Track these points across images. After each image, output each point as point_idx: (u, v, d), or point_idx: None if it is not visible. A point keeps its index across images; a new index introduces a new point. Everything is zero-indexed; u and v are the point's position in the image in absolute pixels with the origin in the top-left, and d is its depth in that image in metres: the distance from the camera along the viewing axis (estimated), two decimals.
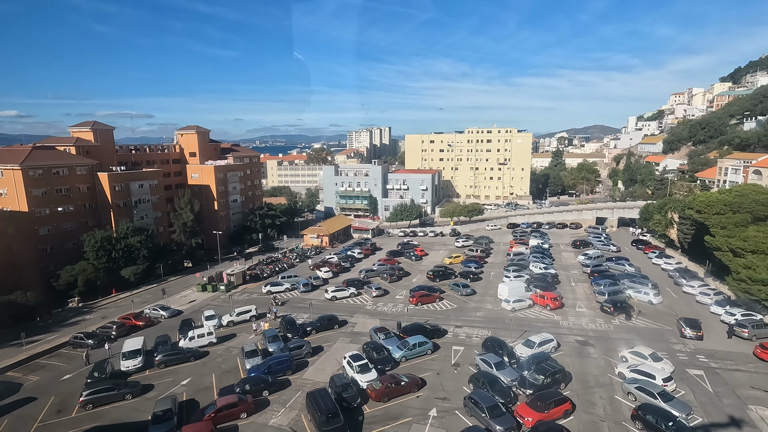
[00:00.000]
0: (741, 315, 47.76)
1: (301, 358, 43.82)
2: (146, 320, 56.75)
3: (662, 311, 53.31)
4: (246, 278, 74.65)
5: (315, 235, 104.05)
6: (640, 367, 37.03)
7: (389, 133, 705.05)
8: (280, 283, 68.99)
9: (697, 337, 45.76)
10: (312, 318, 54.33)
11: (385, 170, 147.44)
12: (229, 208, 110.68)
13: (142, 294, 70.84)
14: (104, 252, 71.19)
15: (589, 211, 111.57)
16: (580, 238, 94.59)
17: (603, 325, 49.66)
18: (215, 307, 61.53)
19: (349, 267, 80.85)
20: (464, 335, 48.68)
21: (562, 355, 42.71)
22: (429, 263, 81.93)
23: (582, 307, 55.49)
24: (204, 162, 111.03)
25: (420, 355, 43.52)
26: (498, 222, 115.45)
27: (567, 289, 63.07)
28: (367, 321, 54.23)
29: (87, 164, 79.89)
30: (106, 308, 64.80)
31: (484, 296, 61.52)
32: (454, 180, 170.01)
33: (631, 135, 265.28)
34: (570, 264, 77.06)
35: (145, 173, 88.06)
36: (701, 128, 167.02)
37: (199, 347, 47.49)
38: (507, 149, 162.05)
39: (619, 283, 60.54)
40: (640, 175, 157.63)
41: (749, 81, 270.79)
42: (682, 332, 46.67)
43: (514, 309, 54.88)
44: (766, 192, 53.22)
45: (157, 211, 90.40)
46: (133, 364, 43.10)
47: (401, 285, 68.61)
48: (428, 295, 59.80)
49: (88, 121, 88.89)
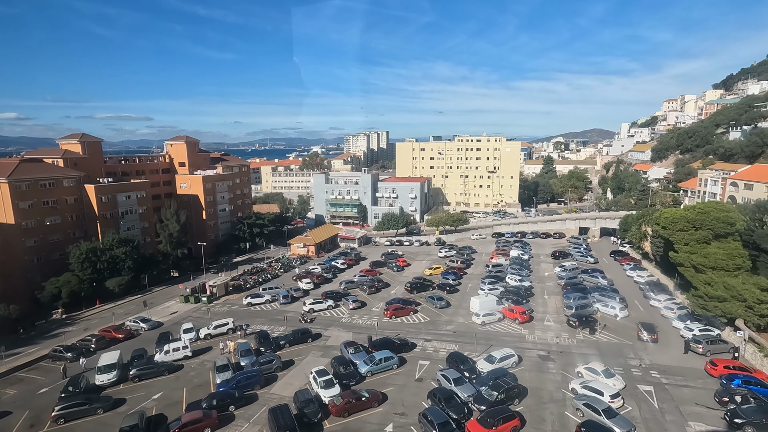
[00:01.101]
0: (699, 330, 49.39)
1: (271, 373, 45.25)
2: (126, 333, 58.15)
3: (626, 325, 54.85)
4: (228, 289, 76.05)
5: (301, 245, 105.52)
6: (591, 383, 38.55)
7: (387, 137, 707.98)
8: (260, 295, 70.43)
9: (653, 341, 49.23)
10: (287, 331, 55.85)
11: (375, 178, 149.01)
12: (217, 218, 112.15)
13: (126, 305, 72.27)
14: (89, 263, 72.61)
15: (572, 220, 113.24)
16: (561, 248, 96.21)
17: (567, 340, 51.19)
18: (196, 319, 63.10)
19: (331, 278, 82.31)
20: (432, 349, 50.16)
21: (522, 370, 44.22)
22: (410, 274, 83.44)
23: (550, 321, 57.03)
24: (193, 172, 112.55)
25: (386, 370, 44.98)
26: (483, 231, 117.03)
27: (539, 302, 64.61)
28: (341, 334, 55.69)
29: (74, 176, 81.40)
30: (88, 320, 66.21)
31: (457, 309, 63.04)
32: (444, 187, 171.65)
33: (623, 142, 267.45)
34: (547, 276, 78.59)
35: (131, 185, 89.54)
36: (688, 137, 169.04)
37: (174, 361, 48.94)
38: (496, 157, 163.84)
39: (589, 296, 62.14)
40: (627, 184, 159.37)
41: (740, 88, 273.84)
42: (639, 335, 50.37)
43: (484, 323, 56.43)
44: (727, 210, 54.89)
45: (144, 222, 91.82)
46: (108, 378, 44.52)
47: (379, 297, 70.08)
48: (402, 308, 61.31)
49: (76, 134, 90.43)
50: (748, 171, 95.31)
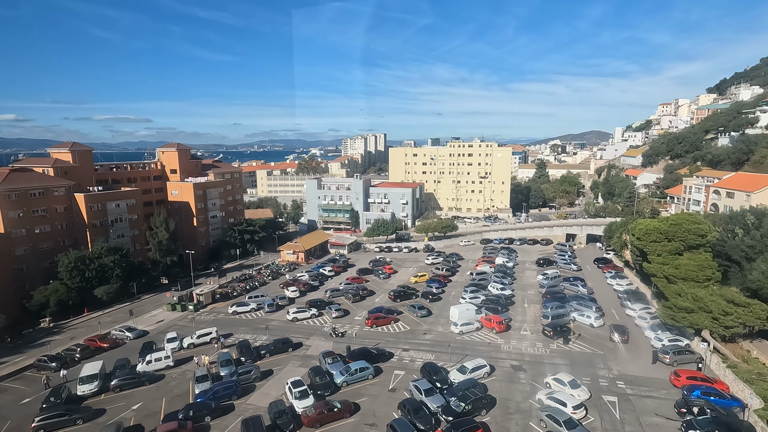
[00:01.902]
0: (668, 340, 50.66)
1: (249, 383, 46.36)
2: (111, 342, 59.19)
3: (601, 335, 56.06)
4: (215, 297, 77.12)
5: (291, 251, 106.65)
6: (556, 394, 39.73)
7: (384, 139, 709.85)
8: (246, 303, 71.54)
9: (623, 341, 52.42)
10: (269, 340, 56.97)
11: (367, 184, 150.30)
12: (208, 224, 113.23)
13: (114, 313, 73.30)
14: (78, 272, 73.68)
15: (559, 227, 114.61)
16: (546, 255, 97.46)
17: (540, 350, 52.36)
18: (181, 328, 64.21)
19: (318, 285, 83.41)
20: (409, 359, 51.30)
21: (493, 380, 45.39)
22: (396, 281, 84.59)
23: (527, 330, 58.22)
24: (184, 179, 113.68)
25: (361, 380, 46.10)
26: (472, 238, 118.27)
27: (519, 311, 65.83)
28: (322, 344, 56.81)
29: (64, 185, 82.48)
30: (75, 329, 67.23)
31: (438, 318, 64.20)
32: (437, 192, 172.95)
33: (616, 146, 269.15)
34: (530, 283, 79.81)
35: (121, 193, 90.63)
36: (678, 143, 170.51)
37: (156, 371, 50.03)
38: (488, 163, 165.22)
39: (566, 305, 63.37)
40: (617, 189, 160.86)
41: (733, 93, 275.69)
42: (611, 337, 53.61)
43: (462, 332, 57.59)
44: (699, 222, 56.15)
45: (134, 229, 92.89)
46: (89, 388, 45.57)
47: (363, 305, 71.21)
48: (384, 317, 62.44)
49: (67, 143, 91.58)
50: (730, 179, 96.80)
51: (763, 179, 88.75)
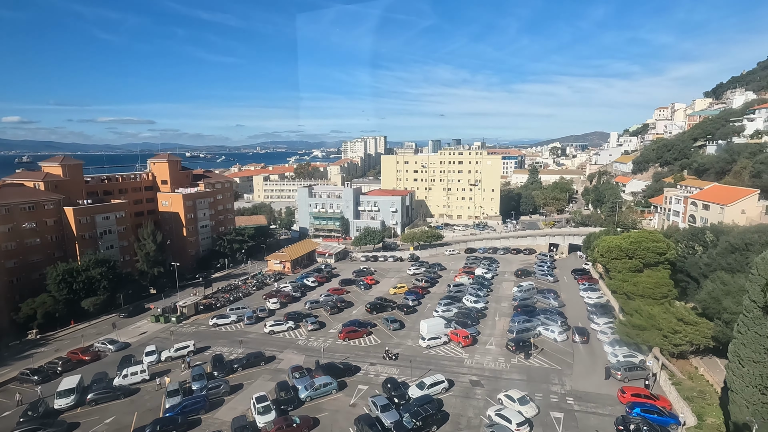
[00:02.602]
0: (623, 356, 52.54)
1: (218, 397, 48.57)
2: (92, 355, 61.50)
3: (563, 349, 57.99)
4: (199, 309, 79.38)
5: (278, 261, 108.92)
6: (504, 411, 41.74)
7: (384, 142, 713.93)
8: (226, 315, 73.80)
9: (583, 342, 58.59)
10: (243, 354, 59.16)
11: (357, 192, 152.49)
12: (198, 234, 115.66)
13: (99, 324, 75.71)
14: (65, 284, 76.09)
15: (542, 237, 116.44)
16: (526, 266, 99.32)
17: (501, 365, 54.35)
18: (162, 340, 66.50)
19: (299, 297, 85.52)
20: (374, 374, 53.38)
21: (450, 395, 47.42)
22: (376, 293, 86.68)
23: (492, 345, 60.19)
24: (175, 189, 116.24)
25: (325, 395, 48.21)
26: (457, 247, 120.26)
27: (489, 324, 67.81)
28: (294, 357, 58.98)
29: (54, 199, 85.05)
30: (61, 340, 69.62)
31: (409, 331, 66.21)
32: (428, 200, 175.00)
33: (611, 151, 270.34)
34: (505, 295, 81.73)
35: (110, 206, 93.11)
36: (667, 150, 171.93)
37: (132, 384, 52.30)
38: (478, 171, 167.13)
39: (534, 319, 65.26)
40: (605, 197, 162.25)
41: (728, 98, 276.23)
42: (573, 339, 58.49)
43: (429, 346, 59.60)
44: (658, 240, 58.03)
45: (123, 241, 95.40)
46: (66, 402, 47.85)
47: (340, 318, 73.33)
48: (356, 330, 64.55)
49: (58, 156, 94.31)
50: (707, 191, 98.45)
51: (737, 192, 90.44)
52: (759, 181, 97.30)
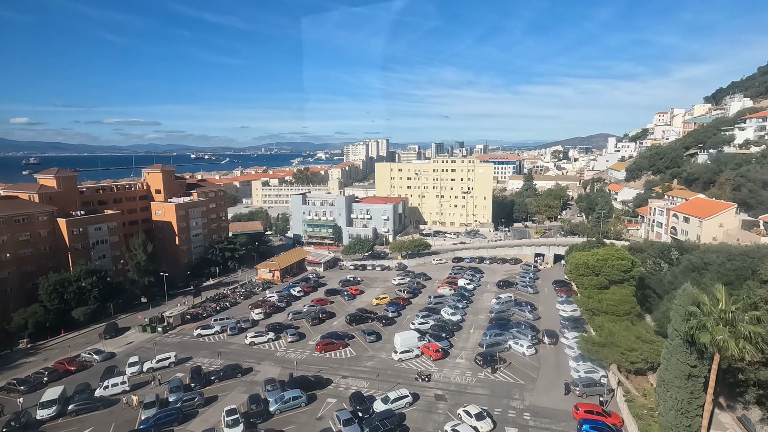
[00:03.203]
0: (584, 372, 54.21)
1: (193, 409, 50.76)
2: (78, 365, 63.92)
3: (530, 363, 59.73)
4: (186, 318, 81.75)
5: (267, 270, 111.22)
6: (459, 426, 43.61)
7: (386, 145, 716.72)
8: (211, 326, 76.11)
9: (551, 343, 64.17)
10: (221, 365, 61.37)
11: (350, 200, 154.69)
12: (190, 242, 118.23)
13: (88, 334, 78.17)
14: (57, 294, 78.74)
15: (528, 246, 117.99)
16: (509, 276, 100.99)
17: (468, 379, 56.16)
18: (147, 351, 68.75)
19: (284, 307, 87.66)
20: (344, 387, 55.38)
21: (414, 410, 49.31)
22: (359, 303, 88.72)
23: (462, 358, 62.00)
24: (169, 198, 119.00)
25: (294, 408, 50.28)
26: (444, 256, 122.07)
27: (463, 337, 69.61)
28: (270, 369, 61.07)
29: (47, 211, 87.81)
30: (51, 350, 72.15)
31: (385, 344, 68.14)
32: (421, 207, 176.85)
33: (607, 157, 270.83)
34: (484, 307, 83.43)
35: (102, 217, 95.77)
36: (659, 158, 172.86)
37: (112, 395, 54.60)
38: (470, 178, 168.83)
39: (506, 333, 67.01)
40: (597, 205, 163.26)
41: (726, 103, 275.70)
42: (543, 340, 64.96)
43: (402, 359, 61.52)
44: (624, 258, 59.64)
45: (115, 250, 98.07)
46: (48, 413, 50.20)
47: (321, 329, 75.42)
48: (333, 343, 66.59)
49: (52, 169, 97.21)
50: (687, 204, 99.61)
51: (715, 206, 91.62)
52: (739, 194, 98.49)
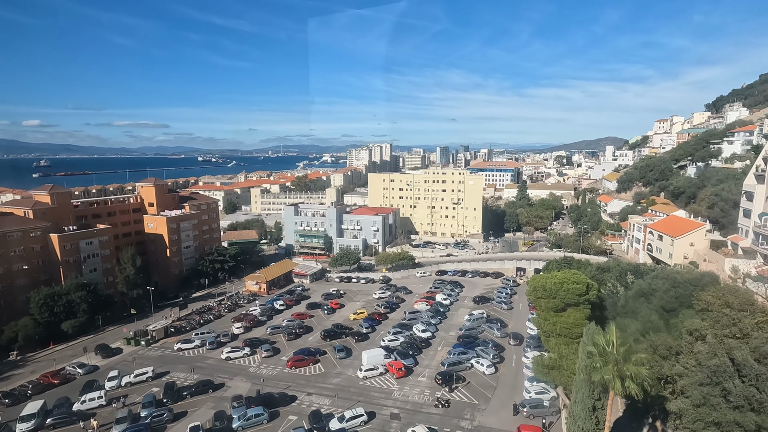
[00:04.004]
0: (535, 393, 56.57)
1: (161, 425, 53.90)
2: (62, 378, 67.37)
3: (487, 382, 62.16)
4: (169, 332, 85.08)
5: (254, 282, 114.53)
6: None
7: (390, 149, 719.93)
8: (191, 340, 79.41)
9: (516, 344, 72.16)
10: (195, 380, 64.52)
11: (341, 211, 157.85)
12: (181, 254, 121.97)
13: (76, 346, 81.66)
14: (47, 308, 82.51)
15: (510, 261, 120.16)
16: (487, 292, 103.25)
17: (426, 397, 58.72)
18: (128, 365, 72.06)
19: (265, 321, 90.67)
20: (307, 404, 58.21)
21: (368, 428, 52.04)
22: (338, 317, 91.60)
23: (424, 377, 64.56)
24: (162, 211, 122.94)
25: (256, 425, 53.21)
26: (429, 269, 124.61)
27: (430, 355, 72.17)
28: (241, 385, 64.10)
29: (40, 227, 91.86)
30: (39, 362, 75.77)
31: (354, 360, 70.80)
32: (413, 217, 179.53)
33: (604, 166, 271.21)
34: (457, 323, 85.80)
35: (93, 232, 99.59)
36: (649, 170, 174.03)
37: (89, 410, 57.92)
38: (461, 189, 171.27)
39: (470, 350, 69.48)
40: (586, 216, 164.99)
41: (726, 112, 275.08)
42: (509, 342, 72.18)
43: (366, 377, 64.24)
44: (579, 282, 61.68)
45: (106, 263, 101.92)
46: (27, 426, 53.60)
47: (296, 344, 78.32)
48: (304, 359, 69.48)
49: (47, 185, 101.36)
50: (663, 222, 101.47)
51: (687, 225, 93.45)
52: (713, 213, 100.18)
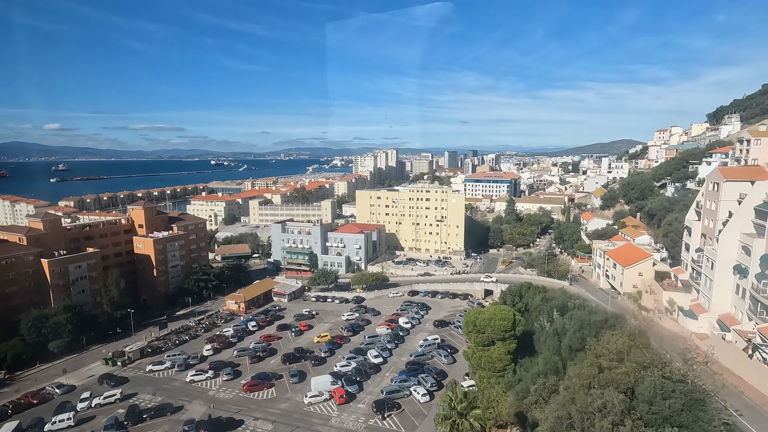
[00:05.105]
0: None
1: None
2: (40, 398, 74.59)
3: (420, 411, 67.34)
4: (145, 353, 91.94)
5: (234, 301, 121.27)
6: None
7: (396, 155, 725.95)
8: (162, 362, 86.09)
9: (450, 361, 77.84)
10: (157, 403, 71.02)
11: (325, 229, 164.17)
12: (168, 273, 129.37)
13: (60, 365, 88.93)
14: (35, 329, 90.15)
15: (479, 282, 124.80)
16: (447, 316, 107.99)
17: (359, 425, 64.21)
18: (100, 386, 78.83)
19: (235, 342, 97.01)
20: (252, 428, 64.23)
21: None
22: (303, 340, 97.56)
23: (364, 403, 70.06)
24: (151, 232, 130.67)
25: None
26: (402, 289, 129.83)
27: (377, 381, 77.54)
28: (198, 408, 70.34)
29: (32, 253, 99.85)
30: (24, 381, 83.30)
31: (306, 385, 76.49)
32: (398, 233, 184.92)
33: (597, 179, 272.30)
34: (412, 348, 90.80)
35: (82, 256, 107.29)
36: (631, 188, 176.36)
37: (59, 430, 64.78)
38: (444, 207, 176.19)
39: (412, 378, 74.72)
40: (566, 235, 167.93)
41: (721, 126, 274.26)
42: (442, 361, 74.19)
43: (311, 403, 69.96)
44: (506, 318, 66.56)
45: (94, 284, 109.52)
46: None
47: (257, 367, 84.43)
48: (259, 384, 75.49)
49: (40, 212, 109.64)
50: (617, 250, 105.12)
51: (637, 254, 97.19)
52: (667, 241, 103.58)
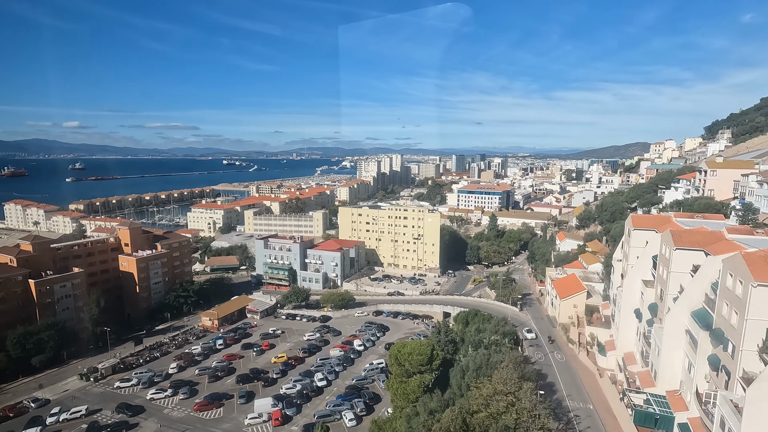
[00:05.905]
0: None
1: None
2: (17, 411, 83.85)
3: None
4: (117, 368, 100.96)
5: (208, 318, 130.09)
6: None
7: (400, 160, 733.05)
8: (129, 378, 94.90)
9: None
10: (116, 420, 79.70)
11: (304, 247, 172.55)
12: (150, 290, 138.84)
13: (40, 379, 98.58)
14: (20, 345, 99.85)
15: (438, 305, 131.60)
16: (403, 338, 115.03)
17: None
18: (74, 400, 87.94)
19: (200, 360, 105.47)
20: None
21: None
22: (263, 360, 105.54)
23: (297, 426, 77.70)
24: (136, 251, 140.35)
25: None
26: (368, 309, 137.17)
27: (316, 404, 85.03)
28: (151, 426, 78.79)
29: (21, 273, 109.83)
30: (5, 393, 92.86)
31: (251, 406, 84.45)
32: (378, 249, 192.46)
33: (585, 194, 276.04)
34: (358, 372, 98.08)
35: (68, 276, 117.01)
36: (603, 210, 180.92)
37: None
38: (420, 226, 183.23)
39: (346, 402, 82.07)
40: (537, 255, 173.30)
41: (708, 143, 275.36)
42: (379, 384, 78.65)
43: (250, 424, 77.85)
44: (423, 353, 73.78)
45: (78, 302, 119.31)
46: None
47: (214, 387, 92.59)
48: (209, 404, 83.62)
49: (30, 234, 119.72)
50: (561, 280, 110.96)
51: (574, 286, 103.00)
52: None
